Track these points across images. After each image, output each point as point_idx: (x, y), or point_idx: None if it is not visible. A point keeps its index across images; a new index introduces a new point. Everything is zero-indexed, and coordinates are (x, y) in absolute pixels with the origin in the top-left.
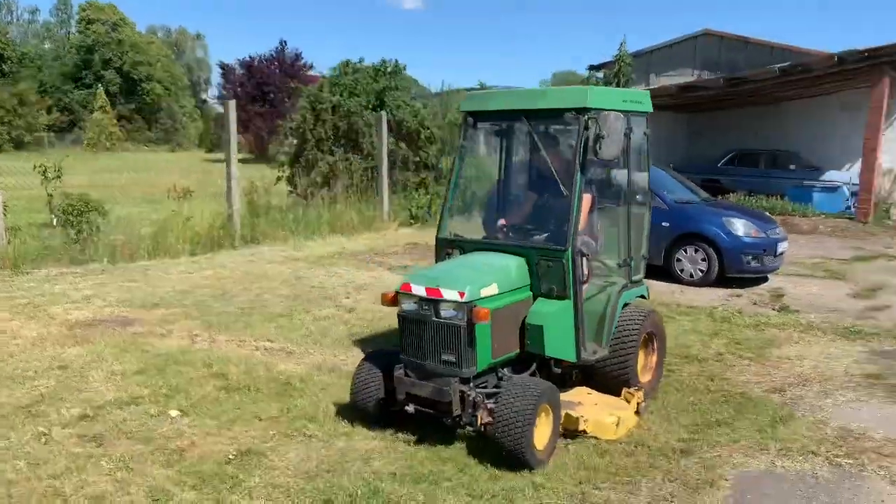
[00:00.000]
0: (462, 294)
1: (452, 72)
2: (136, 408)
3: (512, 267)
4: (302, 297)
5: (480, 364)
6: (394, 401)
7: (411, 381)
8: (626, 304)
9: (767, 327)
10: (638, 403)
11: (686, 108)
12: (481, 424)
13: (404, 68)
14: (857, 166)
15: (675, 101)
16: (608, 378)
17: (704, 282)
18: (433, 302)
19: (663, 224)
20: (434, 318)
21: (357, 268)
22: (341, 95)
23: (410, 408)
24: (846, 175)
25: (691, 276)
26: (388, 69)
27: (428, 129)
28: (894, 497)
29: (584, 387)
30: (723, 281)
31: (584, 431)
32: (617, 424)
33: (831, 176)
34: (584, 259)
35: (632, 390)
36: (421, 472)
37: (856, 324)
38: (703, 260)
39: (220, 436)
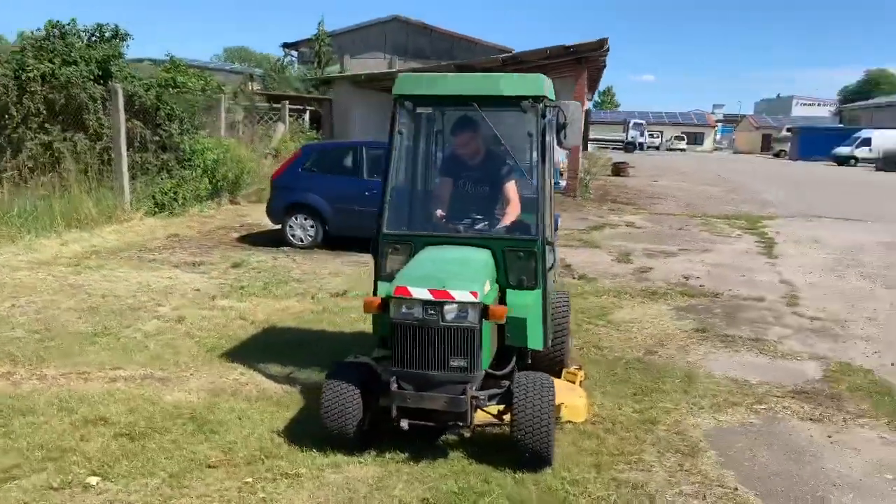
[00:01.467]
0: (475, 294)
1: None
2: (24, 483)
3: (489, 261)
4: (102, 310)
5: (485, 365)
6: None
7: (415, 394)
8: None
9: (590, 295)
10: (580, 381)
11: None
12: (475, 427)
13: (127, 36)
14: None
15: (385, 85)
16: (547, 361)
17: None
18: (439, 304)
19: None
20: (441, 323)
21: (135, 269)
22: (52, 62)
23: (405, 423)
24: (556, 155)
25: None
26: (106, 34)
27: (168, 104)
28: (815, 430)
29: None
30: None
31: (559, 417)
32: (584, 406)
33: None
34: (551, 246)
35: (572, 369)
36: (452, 489)
37: (645, 286)
38: None
39: (184, 498)
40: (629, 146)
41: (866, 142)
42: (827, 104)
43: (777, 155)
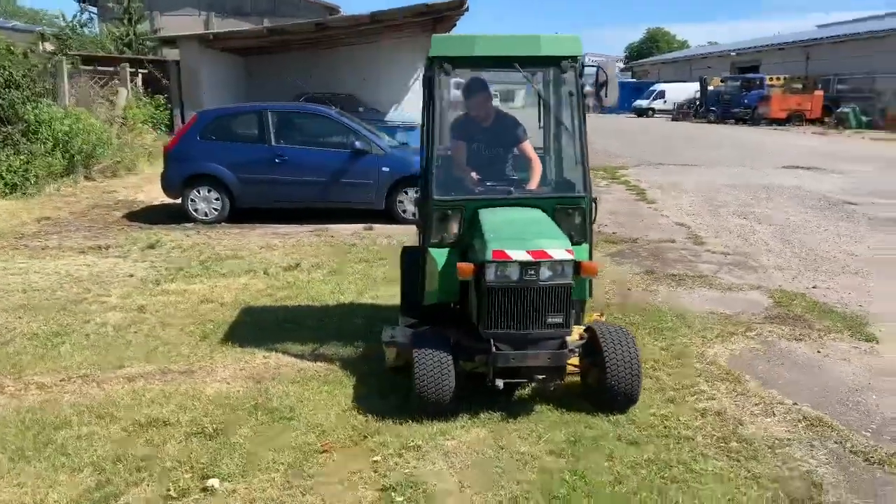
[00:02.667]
0: (570, 251)
1: None
2: (133, 499)
3: (551, 219)
4: (38, 307)
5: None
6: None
7: (518, 353)
8: None
9: None
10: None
11: (244, 51)
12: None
13: None
14: (402, 108)
15: (233, 45)
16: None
17: None
18: (537, 265)
19: (383, 169)
20: (541, 282)
21: (31, 258)
22: None
23: (500, 383)
24: (408, 116)
25: (413, 215)
26: None
27: (7, 69)
28: (804, 347)
29: None
30: None
31: None
32: None
33: (395, 117)
34: (595, 202)
35: (595, 315)
36: (567, 439)
37: None
38: None
39: (328, 486)
40: None
41: (661, 94)
42: (614, 60)
43: None
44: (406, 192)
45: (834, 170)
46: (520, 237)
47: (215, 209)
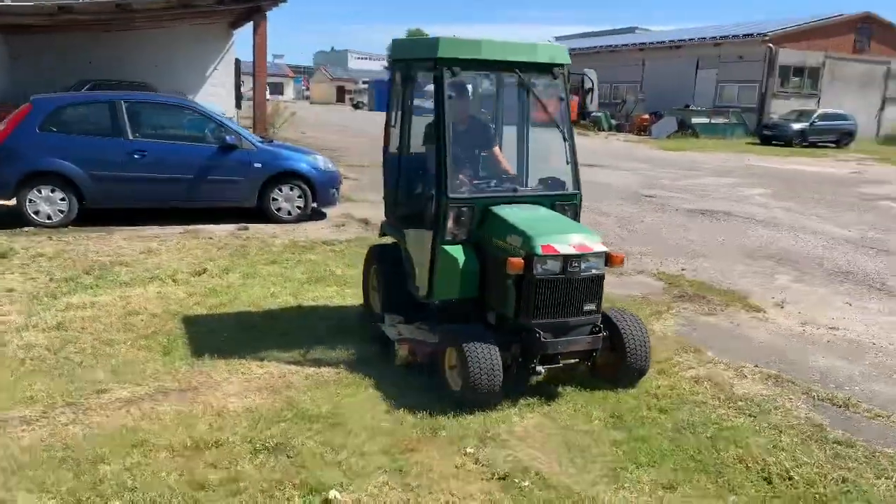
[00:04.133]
0: (603, 244)
1: None
2: None
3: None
4: None
5: None
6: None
7: (562, 339)
8: None
9: None
10: None
11: (8, 28)
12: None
13: None
14: (197, 99)
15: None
16: None
17: (301, 218)
18: (579, 257)
19: (255, 165)
20: (582, 273)
21: None
22: None
23: (542, 369)
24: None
25: (289, 213)
26: None
27: None
28: (720, 320)
29: None
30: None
31: None
32: None
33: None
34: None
35: None
36: (607, 414)
37: None
38: (300, 197)
39: (444, 481)
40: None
41: None
42: (378, 59)
43: (356, 106)
44: (280, 190)
45: (618, 167)
46: (558, 232)
47: (61, 211)
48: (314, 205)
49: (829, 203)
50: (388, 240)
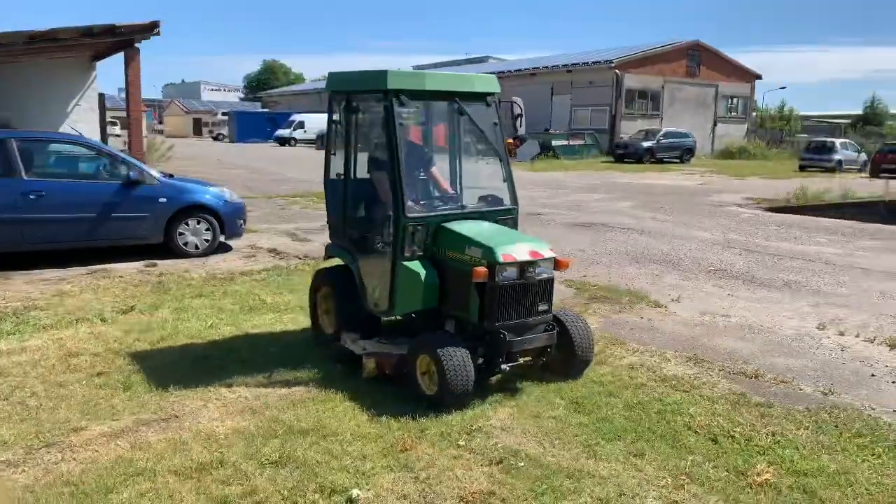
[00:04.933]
0: (552, 250)
1: None
2: None
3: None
4: None
5: None
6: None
7: (522, 338)
8: None
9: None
10: None
11: None
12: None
13: None
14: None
15: None
16: None
17: (209, 251)
18: (534, 263)
19: (160, 200)
20: (537, 277)
21: None
22: None
23: (506, 367)
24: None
25: (197, 247)
26: None
27: None
28: (631, 316)
29: None
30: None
31: None
32: None
33: None
34: None
35: None
36: (578, 396)
37: None
38: (208, 230)
39: (460, 470)
40: None
41: (301, 124)
42: (233, 90)
43: (216, 138)
44: (187, 224)
45: None
46: (513, 242)
47: None
48: (222, 237)
49: (689, 211)
50: (334, 262)
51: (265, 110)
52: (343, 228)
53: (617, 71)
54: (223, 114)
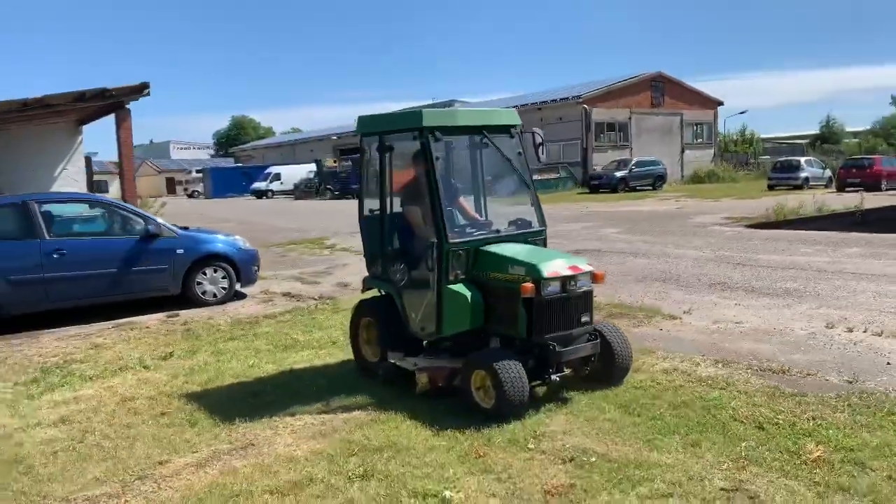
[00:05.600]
0: (590, 265)
1: None
2: None
3: None
4: None
5: None
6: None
7: (570, 348)
8: None
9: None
10: None
11: None
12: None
13: None
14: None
15: None
16: None
17: (226, 299)
18: (575, 278)
19: (178, 251)
20: (578, 291)
21: None
22: None
23: (556, 377)
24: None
25: (214, 295)
26: None
27: None
28: (649, 330)
29: None
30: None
31: None
32: None
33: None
34: None
35: None
36: (626, 400)
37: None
38: (224, 278)
39: (531, 472)
40: None
41: (277, 176)
42: (202, 147)
43: (191, 195)
44: (205, 273)
45: None
46: (552, 259)
47: None
48: (238, 285)
49: (675, 233)
50: (371, 293)
51: (239, 165)
52: (382, 261)
53: (585, 105)
54: (197, 171)
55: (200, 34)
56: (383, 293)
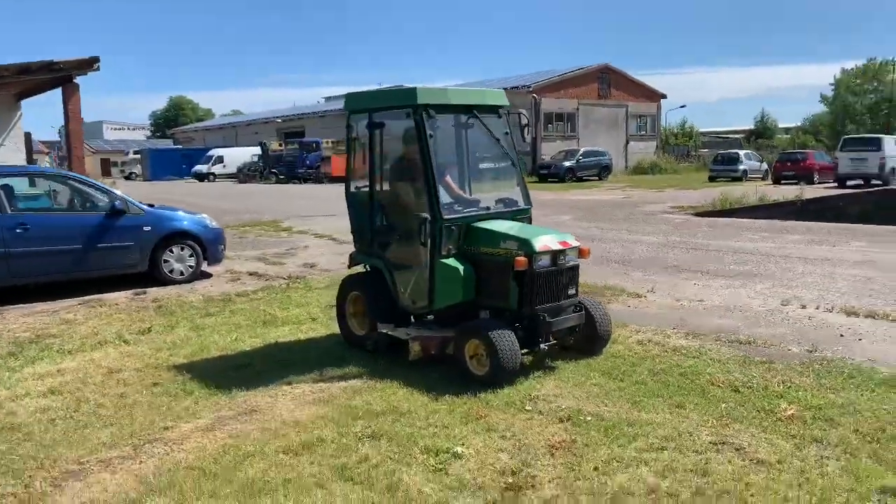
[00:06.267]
0: (577, 240)
1: None
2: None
3: None
4: None
5: None
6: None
7: (559, 319)
8: None
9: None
10: None
11: None
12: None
13: None
14: None
15: None
16: None
17: (193, 277)
18: (563, 252)
19: (145, 228)
20: (566, 264)
21: None
22: None
23: (544, 346)
24: None
25: (181, 273)
26: None
27: None
28: (619, 307)
29: None
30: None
31: None
32: None
33: None
34: None
35: None
36: (610, 368)
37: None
38: (191, 256)
39: (534, 431)
40: None
41: (220, 159)
42: (138, 128)
43: (128, 177)
44: (171, 251)
45: None
46: (542, 234)
47: None
48: (205, 263)
49: (626, 220)
50: (358, 269)
51: (179, 147)
52: (371, 236)
53: (534, 95)
54: (135, 152)
55: (134, 13)
56: (370, 268)
